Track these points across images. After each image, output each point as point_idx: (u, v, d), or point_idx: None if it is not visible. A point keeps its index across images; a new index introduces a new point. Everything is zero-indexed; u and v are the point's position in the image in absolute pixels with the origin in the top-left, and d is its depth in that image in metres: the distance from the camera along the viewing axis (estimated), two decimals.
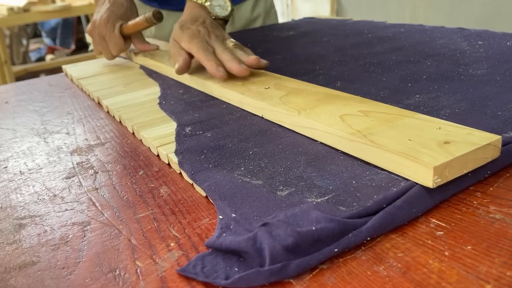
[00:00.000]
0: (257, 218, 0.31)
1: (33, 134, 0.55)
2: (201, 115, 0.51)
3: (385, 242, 0.29)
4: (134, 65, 0.81)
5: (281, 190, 0.34)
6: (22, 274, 0.29)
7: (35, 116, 0.63)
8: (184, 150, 0.42)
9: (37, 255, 0.31)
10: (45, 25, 3.75)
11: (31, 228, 0.35)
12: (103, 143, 0.50)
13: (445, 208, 0.31)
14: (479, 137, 0.34)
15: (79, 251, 0.31)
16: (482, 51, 0.65)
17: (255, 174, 0.36)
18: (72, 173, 0.43)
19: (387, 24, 0.93)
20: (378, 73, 0.60)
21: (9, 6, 2.55)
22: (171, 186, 0.39)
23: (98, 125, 0.56)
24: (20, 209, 0.38)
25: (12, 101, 0.72)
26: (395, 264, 0.26)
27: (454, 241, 0.28)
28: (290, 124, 0.44)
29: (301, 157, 0.38)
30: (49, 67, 3.08)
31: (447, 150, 0.32)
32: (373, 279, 0.25)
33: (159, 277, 0.28)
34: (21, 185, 0.42)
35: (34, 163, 0.47)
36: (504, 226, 0.29)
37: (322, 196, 0.32)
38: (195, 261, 0.28)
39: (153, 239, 0.32)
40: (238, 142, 0.43)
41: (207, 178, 0.37)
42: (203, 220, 0.33)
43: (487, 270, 0.25)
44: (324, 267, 0.27)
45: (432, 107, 0.46)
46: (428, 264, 0.26)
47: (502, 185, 0.33)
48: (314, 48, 0.79)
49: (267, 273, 0.26)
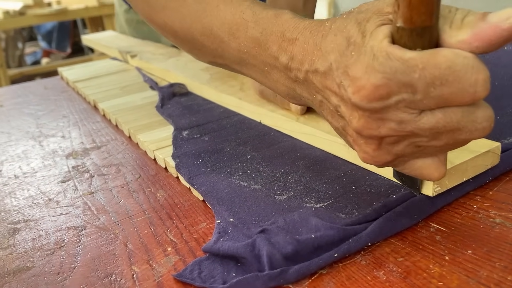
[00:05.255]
0: (256, 222, 0.30)
1: (28, 138, 0.55)
2: (198, 119, 0.50)
3: (385, 247, 0.28)
4: (130, 68, 0.81)
5: (279, 195, 0.33)
6: (16, 279, 0.29)
7: (30, 119, 0.62)
8: (181, 154, 0.42)
9: (31, 260, 0.31)
10: (41, 29, 3.74)
11: (26, 232, 0.34)
12: (99, 147, 0.50)
13: (445, 212, 0.31)
14: (478, 144, 0.34)
15: (75, 256, 0.31)
16: (479, 55, 0.65)
17: (253, 178, 0.36)
18: (67, 177, 0.43)
19: None
20: None
21: (4, 9, 2.55)
22: (168, 190, 0.38)
23: (94, 128, 0.56)
24: (15, 213, 0.37)
25: (7, 104, 0.71)
26: (395, 269, 0.26)
27: (455, 245, 0.28)
28: (289, 129, 0.44)
29: (300, 161, 0.38)
30: (45, 71, 3.07)
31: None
32: (373, 284, 0.25)
33: (155, 282, 0.27)
34: (16, 189, 0.42)
35: (29, 167, 0.46)
36: (504, 230, 0.28)
37: (321, 202, 0.32)
38: (192, 266, 0.28)
39: (150, 243, 0.31)
40: (236, 146, 0.42)
41: (205, 182, 0.36)
42: (200, 224, 0.33)
43: (488, 274, 0.25)
44: (324, 272, 0.27)
45: None
46: (429, 268, 0.26)
47: (502, 189, 0.33)
48: None
49: (266, 277, 0.25)
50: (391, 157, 0.27)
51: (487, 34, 0.22)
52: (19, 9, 2.55)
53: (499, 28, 0.22)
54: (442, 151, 0.26)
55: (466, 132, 0.24)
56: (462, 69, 0.22)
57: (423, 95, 0.23)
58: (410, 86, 0.23)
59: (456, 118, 0.24)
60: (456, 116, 0.24)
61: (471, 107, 0.24)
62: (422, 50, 0.23)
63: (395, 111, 0.24)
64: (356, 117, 0.26)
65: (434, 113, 0.24)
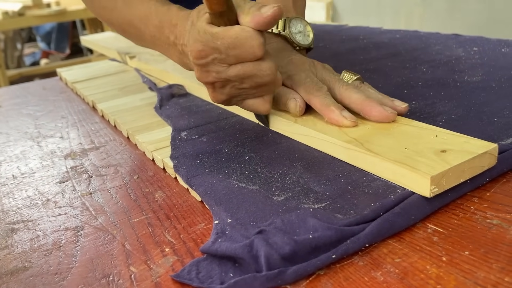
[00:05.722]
0: (253, 223, 0.30)
1: (27, 138, 0.55)
2: (197, 120, 0.50)
3: (382, 248, 0.28)
4: (129, 69, 0.81)
5: (277, 195, 0.33)
6: (14, 279, 0.29)
7: (28, 120, 0.62)
8: (180, 154, 0.42)
9: (29, 260, 0.31)
10: (40, 30, 3.74)
11: (24, 233, 0.34)
12: (98, 147, 0.50)
13: (442, 213, 0.31)
14: (476, 145, 0.34)
15: (72, 256, 0.31)
16: (477, 57, 0.65)
17: (251, 179, 0.36)
18: (65, 177, 0.43)
19: (382, 30, 0.93)
20: (374, 79, 0.60)
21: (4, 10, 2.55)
22: (166, 191, 0.39)
23: (93, 129, 0.56)
24: (13, 213, 0.37)
25: (6, 105, 0.71)
26: (392, 270, 0.26)
27: (452, 246, 0.28)
28: (287, 131, 0.44)
29: (298, 162, 0.38)
30: (44, 72, 3.07)
31: (444, 159, 0.32)
32: (371, 284, 0.25)
33: (153, 282, 0.27)
34: (14, 189, 0.42)
35: (27, 167, 0.46)
36: (501, 231, 0.28)
37: (319, 202, 0.32)
38: (190, 266, 0.28)
39: (148, 244, 0.31)
40: (234, 147, 0.42)
41: (203, 182, 0.36)
42: (198, 225, 0.33)
43: (485, 275, 0.25)
44: (321, 272, 0.27)
45: (428, 113, 0.46)
46: (426, 269, 0.26)
47: (499, 190, 0.33)
48: (309, 53, 0.79)
49: (264, 278, 0.25)
50: (225, 97, 0.41)
51: (259, 19, 0.36)
52: (18, 10, 2.55)
53: (263, 16, 0.36)
54: (260, 93, 0.41)
55: (259, 77, 0.38)
56: (244, 38, 0.36)
57: (225, 55, 0.37)
58: (217, 50, 0.37)
59: (249, 68, 0.38)
60: (249, 67, 0.38)
61: (258, 61, 0.38)
62: (224, 26, 0.37)
63: (213, 65, 0.39)
64: (196, 71, 0.40)
65: (237, 66, 0.38)
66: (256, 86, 0.40)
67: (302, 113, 0.43)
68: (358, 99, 0.41)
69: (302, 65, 0.46)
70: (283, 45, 0.51)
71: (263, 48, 0.37)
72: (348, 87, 0.42)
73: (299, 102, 0.43)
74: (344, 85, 0.43)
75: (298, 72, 0.44)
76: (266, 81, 0.39)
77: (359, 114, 0.41)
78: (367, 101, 0.40)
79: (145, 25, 0.48)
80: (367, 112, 0.40)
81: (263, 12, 0.36)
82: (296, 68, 0.45)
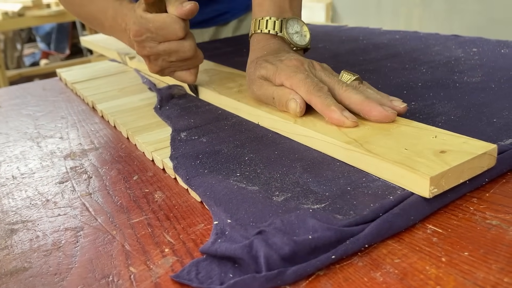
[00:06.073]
0: (253, 224, 0.30)
1: (26, 139, 0.55)
2: (196, 120, 0.50)
3: (381, 248, 0.28)
4: (129, 69, 0.81)
5: (277, 196, 0.33)
6: (13, 280, 0.29)
7: (28, 120, 0.62)
8: (179, 155, 0.42)
9: (28, 260, 0.31)
10: (39, 30, 3.74)
11: (23, 233, 0.34)
12: (97, 148, 0.50)
13: (441, 214, 0.31)
14: (475, 146, 0.34)
15: (72, 257, 0.31)
16: (476, 58, 0.65)
17: (251, 179, 0.36)
18: (65, 177, 0.43)
19: (382, 31, 0.93)
20: (374, 80, 0.60)
21: (3, 10, 2.55)
22: (166, 191, 0.39)
23: (92, 129, 0.56)
24: (12, 214, 0.37)
25: (5, 105, 0.71)
26: (392, 270, 0.26)
27: (451, 247, 0.28)
28: (286, 131, 0.44)
29: (297, 163, 0.38)
30: (44, 72, 3.07)
31: (443, 159, 0.32)
32: (370, 285, 0.25)
33: (153, 283, 0.27)
34: (13, 189, 0.42)
35: (27, 168, 0.46)
36: (500, 232, 0.28)
37: (319, 203, 0.32)
38: (190, 267, 0.28)
39: (147, 244, 0.31)
40: (233, 148, 0.42)
41: (202, 183, 0.36)
42: (198, 225, 0.33)
43: (485, 276, 0.25)
44: (321, 273, 0.27)
45: (428, 114, 0.46)
46: (425, 270, 0.26)
47: (498, 191, 0.33)
48: (309, 54, 0.79)
49: (263, 279, 0.25)
50: (159, 68, 0.54)
51: (181, 10, 0.49)
52: (18, 10, 2.55)
53: (183, 8, 0.48)
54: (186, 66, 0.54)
55: (182, 52, 0.51)
56: (169, 22, 0.49)
57: (156, 34, 0.50)
58: (149, 30, 0.50)
59: (174, 45, 0.51)
60: (173, 44, 0.51)
61: (181, 40, 0.51)
62: (156, 13, 0.50)
63: (147, 42, 0.51)
64: (135, 46, 0.53)
65: (165, 43, 0.51)
66: (181, 60, 0.53)
67: (302, 114, 0.43)
68: (357, 100, 0.41)
69: (301, 65, 0.46)
70: (280, 45, 0.52)
71: (183, 30, 0.49)
72: (347, 88, 0.42)
73: (299, 103, 0.43)
74: (343, 86, 0.43)
75: (297, 72, 0.44)
76: (188, 55, 0.52)
77: (359, 114, 0.41)
78: (366, 101, 0.40)
79: (104, 16, 0.61)
80: (367, 112, 0.40)
81: (184, 5, 0.48)
82: (295, 69, 0.45)
